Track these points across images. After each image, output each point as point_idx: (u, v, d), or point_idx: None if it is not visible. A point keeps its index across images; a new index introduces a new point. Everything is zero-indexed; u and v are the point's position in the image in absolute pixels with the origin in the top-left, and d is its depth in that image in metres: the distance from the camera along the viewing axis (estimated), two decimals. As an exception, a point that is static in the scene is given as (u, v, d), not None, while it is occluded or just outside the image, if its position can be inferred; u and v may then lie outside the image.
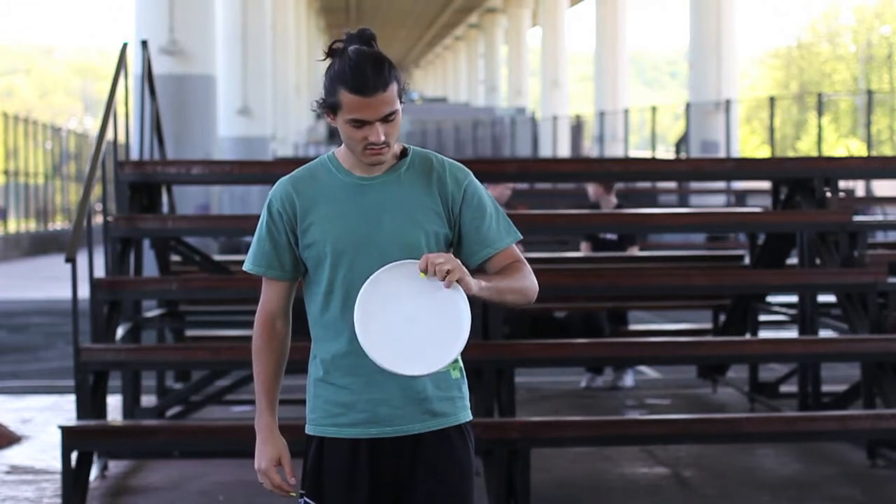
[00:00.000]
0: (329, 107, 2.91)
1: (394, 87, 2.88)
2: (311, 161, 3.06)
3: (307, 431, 3.01)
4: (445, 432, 2.96)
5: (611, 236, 9.56)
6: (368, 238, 2.92)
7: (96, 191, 6.80)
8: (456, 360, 2.98)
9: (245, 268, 3.04)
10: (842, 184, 14.50)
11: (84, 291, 6.30)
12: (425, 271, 2.76)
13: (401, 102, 2.91)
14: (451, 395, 2.98)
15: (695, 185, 19.56)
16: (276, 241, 2.98)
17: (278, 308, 3.03)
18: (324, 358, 2.97)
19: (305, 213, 2.95)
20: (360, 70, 2.85)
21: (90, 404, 5.99)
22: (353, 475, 2.94)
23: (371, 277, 2.81)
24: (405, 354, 2.79)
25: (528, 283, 2.99)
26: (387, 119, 2.88)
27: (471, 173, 3.03)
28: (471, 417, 3.03)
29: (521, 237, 3.06)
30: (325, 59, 2.95)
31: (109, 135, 6.84)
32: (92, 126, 63.62)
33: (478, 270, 2.98)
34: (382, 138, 2.88)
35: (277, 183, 3.01)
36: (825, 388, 7.46)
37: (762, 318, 8.42)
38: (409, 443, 2.94)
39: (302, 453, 3.03)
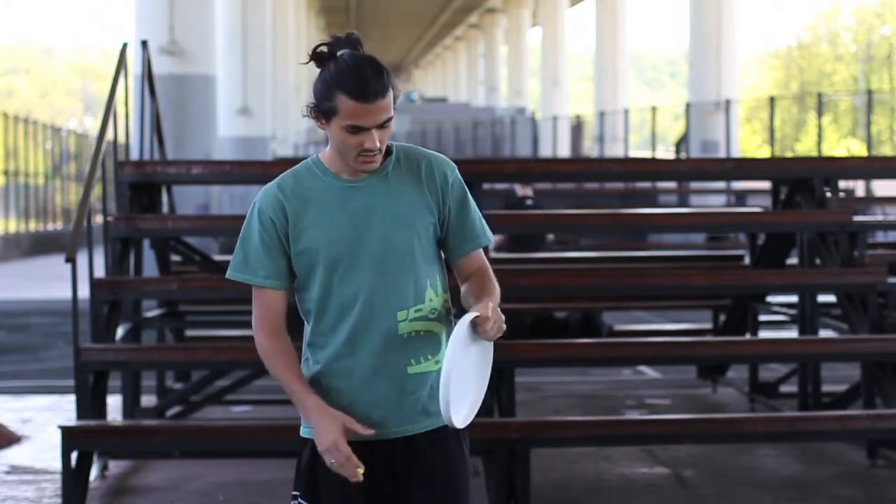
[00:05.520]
0: (323, 112, 2.86)
1: (391, 93, 2.85)
2: (294, 165, 3.02)
3: (301, 434, 2.99)
4: (438, 432, 2.95)
5: None
6: (360, 243, 2.90)
7: (96, 191, 6.80)
8: None
9: (234, 276, 2.97)
10: (842, 184, 14.51)
11: (84, 291, 6.29)
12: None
13: (394, 107, 2.88)
14: None
15: (695, 185, 19.57)
16: (271, 249, 2.94)
17: (279, 318, 2.98)
18: (317, 360, 2.96)
19: (296, 220, 2.92)
20: (360, 75, 2.81)
21: (90, 404, 5.99)
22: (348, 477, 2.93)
23: (452, 348, 2.74)
24: (456, 405, 2.78)
25: (489, 282, 3.00)
26: (382, 125, 2.86)
27: (455, 167, 3.03)
28: None
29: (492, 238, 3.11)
30: (308, 62, 2.89)
31: (109, 135, 6.84)
32: (92, 126, 63.61)
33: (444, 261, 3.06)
34: (378, 145, 2.86)
35: (263, 190, 2.96)
36: (825, 388, 7.46)
37: (762, 318, 8.42)
38: (404, 443, 2.94)
39: (284, 453, 3.02)
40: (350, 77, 2.81)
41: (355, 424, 2.86)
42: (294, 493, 3.00)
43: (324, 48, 2.90)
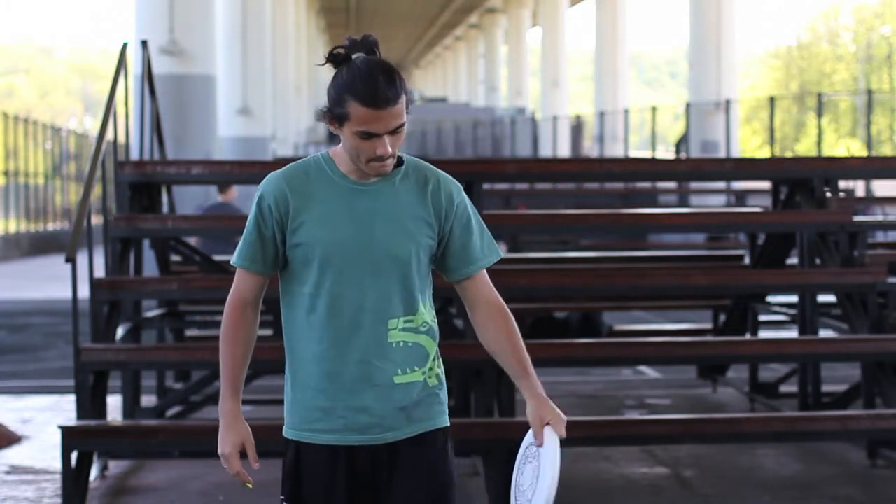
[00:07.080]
0: (336, 117, 2.86)
1: (403, 99, 2.85)
2: (303, 158, 3.03)
3: (285, 434, 3.01)
4: (421, 437, 2.96)
5: None
6: (359, 245, 2.90)
7: (96, 191, 6.80)
8: (432, 368, 2.98)
9: (232, 262, 3.02)
10: (842, 184, 14.51)
11: (84, 291, 6.29)
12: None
13: (407, 113, 2.88)
14: (429, 401, 2.98)
15: (695, 185, 19.55)
16: (263, 235, 2.94)
17: (251, 297, 3.00)
18: (304, 357, 2.95)
19: (297, 213, 2.92)
20: (371, 81, 2.81)
21: (90, 404, 5.99)
22: (331, 480, 2.94)
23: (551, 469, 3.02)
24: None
25: (515, 329, 3.10)
26: (395, 131, 2.85)
27: (462, 189, 3.04)
28: (448, 423, 3.03)
29: (501, 256, 3.09)
30: (324, 64, 2.90)
31: (109, 135, 6.84)
32: (92, 126, 63.61)
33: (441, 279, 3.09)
34: (390, 150, 2.86)
35: (269, 178, 2.96)
36: (825, 388, 7.46)
37: (762, 318, 8.42)
38: (387, 448, 2.94)
39: (281, 453, 3.04)
40: (362, 83, 2.81)
41: (251, 452, 2.99)
42: (281, 496, 3.01)
43: (340, 50, 2.89)
